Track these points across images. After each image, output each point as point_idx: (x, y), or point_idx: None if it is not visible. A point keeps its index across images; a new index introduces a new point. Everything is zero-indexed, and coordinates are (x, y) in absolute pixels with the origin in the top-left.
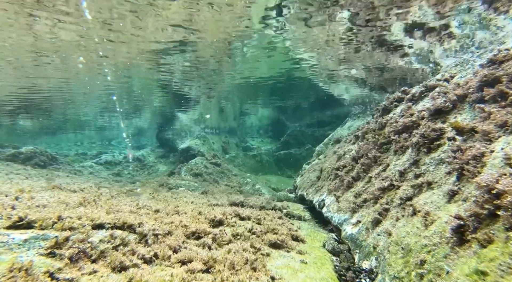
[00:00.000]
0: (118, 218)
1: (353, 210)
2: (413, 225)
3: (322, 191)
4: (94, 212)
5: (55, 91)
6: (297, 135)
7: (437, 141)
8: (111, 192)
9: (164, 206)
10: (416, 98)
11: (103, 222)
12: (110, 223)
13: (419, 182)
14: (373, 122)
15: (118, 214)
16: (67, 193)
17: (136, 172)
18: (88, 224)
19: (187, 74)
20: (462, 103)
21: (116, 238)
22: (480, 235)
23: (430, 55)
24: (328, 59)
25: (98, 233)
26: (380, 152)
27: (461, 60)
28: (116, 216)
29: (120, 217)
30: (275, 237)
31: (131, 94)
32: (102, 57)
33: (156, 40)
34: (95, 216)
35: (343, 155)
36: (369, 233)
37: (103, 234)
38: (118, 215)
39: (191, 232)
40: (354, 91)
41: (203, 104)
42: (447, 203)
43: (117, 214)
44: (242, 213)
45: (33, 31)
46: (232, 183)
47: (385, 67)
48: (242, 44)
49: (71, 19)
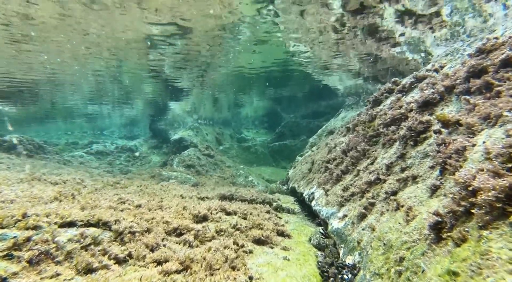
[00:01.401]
0: (93, 214)
1: (341, 204)
2: (396, 220)
3: (313, 184)
4: (67, 209)
5: (39, 77)
6: (292, 126)
7: (423, 133)
8: (96, 184)
9: (148, 200)
10: (406, 89)
11: (75, 219)
12: (83, 220)
13: (405, 175)
14: (364, 114)
15: (94, 210)
16: (45, 185)
17: (128, 163)
18: (57, 222)
19: (178, 63)
20: (450, 95)
21: (87, 237)
22: (455, 233)
23: (421, 44)
24: (322, 48)
25: (67, 231)
26: (369, 144)
27: (451, 50)
28: (91, 213)
29: (95, 214)
30: (259, 232)
31: (121, 82)
32: (87, 42)
33: (145, 27)
34: (66, 213)
35: (334, 147)
36: (354, 227)
37: (73, 232)
38: (93, 211)
39: (172, 228)
40: (348, 81)
41: (196, 94)
42: (430, 197)
43: (93, 210)
44: (229, 207)
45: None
46: (225, 174)
47: (378, 57)
48: (234, 32)
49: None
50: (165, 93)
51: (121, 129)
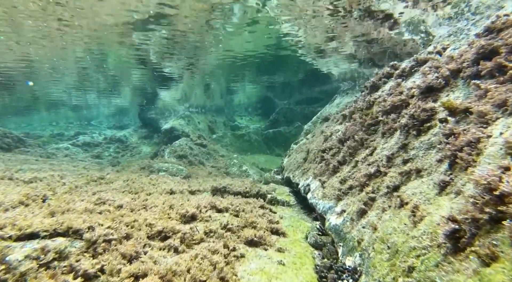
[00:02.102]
0: (61, 221)
1: (338, 198)
2: (401, 220)
3: (308, 175)
4: (29, 216)
5: (12, 66)
6: (286, 113)
7: (427, 122)
8: (77, 181)
9: (132, 199)
10: (406, 73)
11: (37, 229)
12: (48, 229)
13: (407, 168)
14: (361, 101)
15: (64, 216)
16: (14, 186)
17: (117, 154)
18: (12, 235)
19: (165, 49)
20: (456, 79)
21: (49, 252)
22: (479, 247)
23: (422, 24)
24: (315, 31)
25: (26, 246)
26: (368, 133)
27: (454, 30)
28: (59, 219)
29: (64, 221)
30: (252, 232)
31: (106, 70)
32: (64, 26)
33: (128, 10)
34: (26, 222)
35: (330, 135)
36: (353, 224)
37: (33, 246)
38: (63, 217)
39: (156, 232)
40: (342, 66)
41: (187, 81)
42: (438, 195)
43: (63, 215)
44: (220, 204)
45: None
46: (218, 164)
47: (374, 39)
48: (223, 16)
49: None
50: (153, 81)
51: (110, 119)
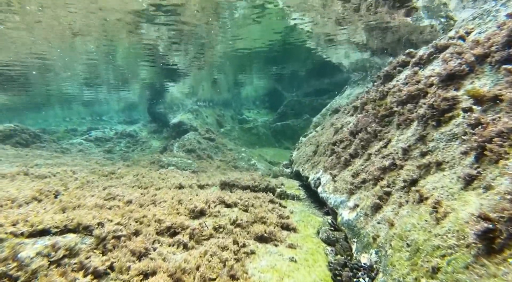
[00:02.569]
0: (71, 218)
1: (351, 192)
2: (420, 216)
3: (318, 168)
4: (41, 212)
5: (26, 63)
6: (294, 105)
7: (449, 112)
8: (88, 176)
9: (141, 193)
10: (424, 61)
11: (49, 226)
12: (59, 226)
13: (426, 161)
14: (374, 91)
15: (75, 212)
16: (30, 181)
17: (128, 149)
18: (24, 232)
19: (173, 40)
20: (482, 65)
21: (60, 249)
22: None
23: (442, 8)
24: (325, 20)
25: (37, 243)
26: (381, 125)
27: (480, 12)
28: (69, 216)
29: (74, 217)
30: (262, 228)
31: (116, 64)
32: (73, 21)
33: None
34: (38, 218)
35: (340, 128)
36: (368, 219)
37: (44, 243)
38: (74, 213)
39: (165, 227)
40: (353, 56)
41: (194, 75)
42: (463, 189)
43: (74, 211)
44: (228, 199)
45: None
46: (227, 158)
47: (388, 27)
48: (230, 5)
49: None
50: (161, 75)
51: (120, 114)
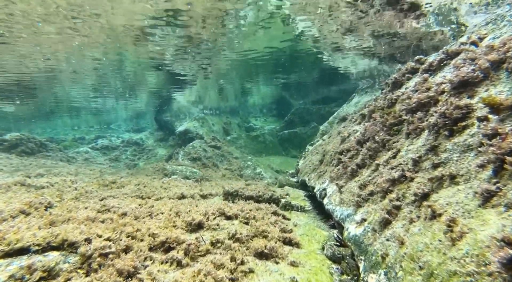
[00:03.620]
0: (56, 233)
1: (358, 204)
2: (434, 235)
3: (324, 178)
4: (23, 228)
5: (34, 70)
6: (302, 113)
7: (462, 121)
8: (88, 185)
9: (139, 205)
10: (434, 68)
11: (29, 243)
12: (41, 243)
13: (439, 174)
14: (382, 99)
15: (62, 227)
16: (24, 192)
17: (134, 157)
18: (0, 250)
19: (180, 51)
20: (497, 72)
21: (36, 271)
22: None
23: (453, 13)
24: (332, 27)
25: (12, 264)
26: (390, 134)
27: (493, 17)
28: (54, 231)
29: (60, 232)
30: (263, 243)
31: (123, 73)
32: (76, 30)
33: (140, 13)
34: (17, 235)
35: (347, 136)
36: (376, 235)
37: (20, 264)
38: (60, 228)
39: (159, 242)
40: (361, 63)
41: (201, 83)
42: (481, 207)
43: (61, 226)
44: (229, 210)
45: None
46: (232, 166)
47: (397, 33)
48: (237, 15)
49: None
50: (168, 84)
51: (128, 122)
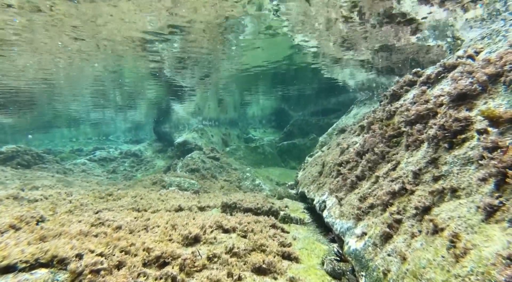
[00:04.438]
0: (46, 249)
1: (358, 217)
2: (436, 251)
3: (324, 190)
4: (11, 244)
5: (32, 84)
6: (301, 124)
7: (461, 133)
8: (83, 198)
9: (135, 217)
10: (432, 80)
11: (15, 260)
12: (29, 260)
13: (440, 187)
14: (380, 111)
15: (52, 242)
16: (16, 205)
17: (132, 168)
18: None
19: (179, 63)
20: (495, 85)
21: None
22: None
23: (449, 28)
24: (330, 41)
25: None
26: (389, 146)
27: (488, 32)
28: (44, 247)
29: (49, 248)
30: (261, 258)
31: (122, 85)
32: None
33: (141, 26)
34: (4, 252)
35: (346, 148)
36: (377, 250)
37: None
38: (50, 243)
39: (154, 257)
40: (359, 75)
41: (200, 95)
42: (484, 221)
43: (52, 241)
44: (227, 223)
45: None
46: (231, 178)
47: (394, 47)
48: (236, 29)
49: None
50: (167, 95)
51: (127, 133)
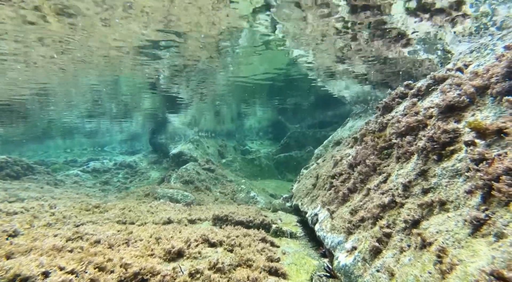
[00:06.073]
0: (8, 268)
1: (349, 231)
2: (424, 266)
3: (317, 203)
4: None
5: (25, 94)
6: (298, 137)
7: (450, 145)
8: (68, 210)
9: (117, 231)
10: (423, 93)
11: None
12: None
13: (428, 200)
14: (373, 123)
15: (18, 259)
16: None
17: (126, 180)
18: None
19: (175, 75)
20: (483, 97)
21: None
22: None
23: (438, 41)
24: (325, 55)
25: None
26: (380, 158)
27: (477, 46)
28: (7, 265)
29: (13, 266)
30: (245, 274)
31: (118, 96)
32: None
33: (136, 38)
34: None
35: (339, 160)
36: (366, 266)
37: None
38: (14, 261)
39: (132, 274)
40: (354, 88)
41: (196, 106)
42: (471, 236)
43: (19, 258)
44: (214, 237)
45: None
46: (226, 190)
47: (387, 60)
48: (231, 43)
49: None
50: (163, 106)
51: (122, 144)
